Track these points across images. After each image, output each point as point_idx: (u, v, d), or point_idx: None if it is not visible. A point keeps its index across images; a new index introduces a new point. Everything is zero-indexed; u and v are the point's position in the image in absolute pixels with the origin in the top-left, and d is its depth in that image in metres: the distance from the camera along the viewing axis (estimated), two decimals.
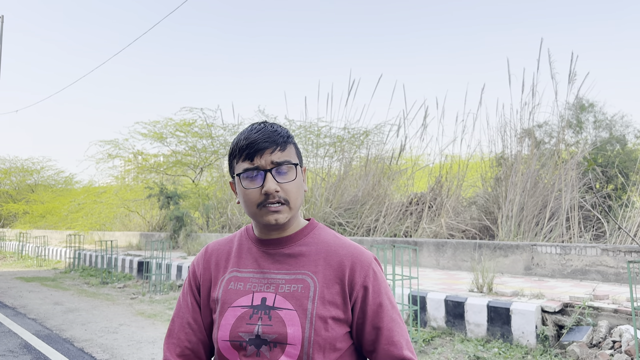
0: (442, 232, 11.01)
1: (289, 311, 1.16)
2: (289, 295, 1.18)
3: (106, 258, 13.88)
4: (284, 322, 1.15)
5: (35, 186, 35.02)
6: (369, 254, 1.27)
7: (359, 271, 1.21)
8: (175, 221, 15.84)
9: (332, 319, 1.17)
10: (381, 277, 1.25)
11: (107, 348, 5.97)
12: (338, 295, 1.19)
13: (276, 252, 1.25)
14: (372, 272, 1.23)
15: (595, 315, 5.38)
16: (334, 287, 1.19)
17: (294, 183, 1.21)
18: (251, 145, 1.19)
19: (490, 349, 5.40)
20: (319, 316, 1.16)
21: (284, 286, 1.20)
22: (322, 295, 1.18)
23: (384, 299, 1.23)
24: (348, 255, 1.23)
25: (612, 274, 7.35)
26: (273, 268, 1.23)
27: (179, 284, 10.92)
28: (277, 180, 1.19)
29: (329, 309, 1.17)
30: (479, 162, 12.89)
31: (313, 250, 1.24)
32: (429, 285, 7.15)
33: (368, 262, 1.24)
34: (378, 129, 15.54)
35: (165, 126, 19.09)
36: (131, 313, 8.22)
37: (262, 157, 1.19)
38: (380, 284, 1.24)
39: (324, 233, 1.30)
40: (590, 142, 11.12)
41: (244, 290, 1.23)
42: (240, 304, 1.21)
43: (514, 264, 8.48)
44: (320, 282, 1.20)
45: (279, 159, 1.19)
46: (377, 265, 1.27)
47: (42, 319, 7.70)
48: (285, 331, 1.14)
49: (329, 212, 13.39)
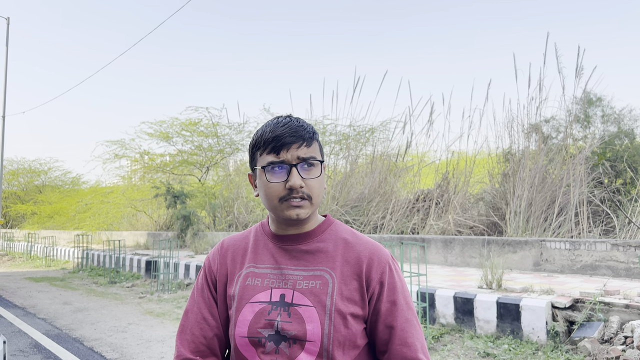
0: (449, 229, 10.97)
1: (308, 307, 1.15)
2: (307, 292, 1.17)
3: (114, 258, 13.93)
4: (302, 318, 1.14)
5: (42, 187, 35.24)
6: (386, 251, 1.26)
7: (375, 267, 1.21)
8: (182, 220, 15.88)
9: (351, 315, 1.16)
10: (398, 275, 1.24)
11: (117, 347, 5.99)
12: (356, 292, 1.18)
13: (293, 248, 1.24)
14: (388, 269, 1.22)
15: (607, 310, 5.33)
16: (352, 284, 1.19)
17: (318, 180, 1.21)
18: (278, 139, 1.18)
19: (500, 345, 5.37)
20: (338, 312, 1.15)
21: (302, 282, 1.19)
22: (340, 291, 1.17)
23: (398, 297, 1.21)
24: (365, 252, 1.23)
25: (622, 269, 7.29)
26: (290, 264, 1.23)
27: (187, 282, 10.94)
28: (302, 175, 1.19)
29: (347, 305, 1.16)
30: (486, 158, 12.82)
31: (331, 246, 1.24)
32: (437, 282, 7.13)
33: (385, 258, 1.23)
34: (384, 126, 15.50)
35: (171, 126, 19.13)
36: (140, 312, 8.25)
37: (288, 152, 1.18)
38: (396, 282, 1.22)
39: (341, 229, 1.29)
40: (598, 136, 11.03)
41: (262, 286, 1.22)
42: (258, 299, 1.20)
43: (523, 260, 8.43)
44: (338, 278, 1.19)
45: (306, 154, 1.19)
46: (394, 263, 1.26)
47: (52, 319, 7.74)
48: (304, 328, 1.13)
49: (336, 209, 13.37)
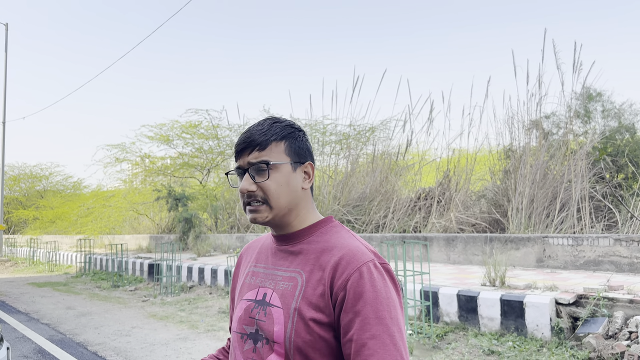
0: (451, 227, 10.96)
1: (278, 309, 1.15)
2: (280, 293, 1.17)
3: (117, 261, 13.93)
4: (273, 319, 1.15)
5: (44, 192, 35.29)
6: (365, 256, 1.12)
7: (340, 271, 1.10)
8: (184, 223, 15.88)
9: (314, 321, 1.10)
10: (370, 283, 1.07)
11: (121, 351, 5.99)
12: (321, 297, 1.11)
13: (283, 248, 1.26)
14: (357, 275, 1.08)
15: (611, 306, 5.32)
16: (318, 288, 1.12)
17: (271, 182, 1.18)
18: (236, 146, 1.24)
19: (505, 342, 5.35)
20: (300, 316, 1.11)
21: (280, 283, 1.19)
22: (306, 295, 1.13)
23: (365, 308, 1.05)
24: (338, 254, 1.14)
25: (625, 264, 7.28)
26: (277, 264, 1.24)
27: (189, 285, 10.95)
28: (255, 179, 1.19)
29: (310, 311, 1.11)
30: (487, 155, 12.81)
31: (312, 248, 1.20)
32: (440, 281, 7.12)
33: (357, 263, 1.10)
34: (384, 125, 15.49)
35: (171, 128, 19.14)
36: (143, 316, 8.25)
37: (241, 158, 1.22)
38: (364, 290, 1.06)
39: (332, 232, 1.23)
40: (599, 131, 11.00)
41: (254, 284, 1.26)
42: (247, 297, 1.24)
43: (526, 257, 8.42)
44: (307, 281, 1.15)
45: (256, 159, 1.19)
46: (373, 270, 1.10)
47: (55, 324, 7.74)
48: (272, 329, 1.14)
49: (337, 209, 13.36)
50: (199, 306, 8.81)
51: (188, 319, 7.74)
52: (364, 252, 1.13)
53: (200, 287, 10.78)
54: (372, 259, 1.12)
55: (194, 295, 10.07)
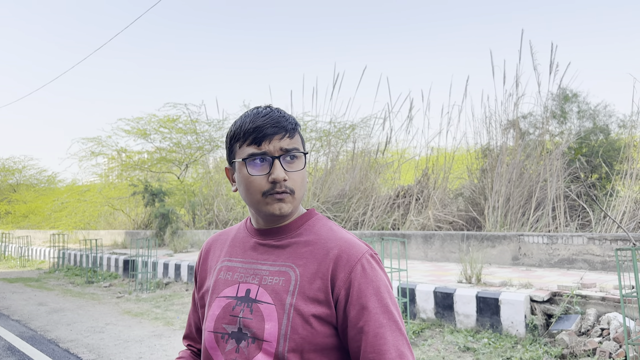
0: (429, 224, 11.03)
1: (268, 305, 1.10)
2: (269, 288, 1.11)
3: (91, 257, 13.70)
4: (263, 316, 1.09)
5: (17, 186, 34.47)
6: (361, 247, 1.13)
7: (342, 265, 1.09)
8: (160, 219, 15.68)
9: (314, 317, 1.07)
10: (372, 274, 1.10)
11: (94, 348, 5.87)
12: (320, 292, 1.08)
13: (267, 242, 1.19)
14: (359, 268, 1.09)
15: (584, 303, 5.41)
16: (316, 282, 1.09)
17: (301, 173, 1.15)
18: (259, 129, 1.12)
19: (480, 339, 5.40)
20: (297, 312, 1.07)
21: (267, 278, 1.13)
22: (302, 289, 1.09)
23: (370, 300, 1.07)
24: (335, 248, 1.12)
25: (598, 262, 7.41)
26: (260, 259, 1.18)
27: (165, 282, 10.81)
28: (285, 168, 1.13)
29: (309, 306, 1.07)
30: (465, 154, 12.93)
31: (302, 241, 1.16)
32: (417, 277, 7.15)
33: (357, 255, 1.10)
34: (364, 123, 15.52)
35: (148, 122, 18.85)
36: (117, 312, 8.12)
37: (270, 143, 1.12)
38: (369, 282, 1.08)
39: (320, 224, 1.20)
40: (574, 132, 11.19)
41: (231, 280, 1.19)
42: (226, 294, 1.17)
43: (502, 255, 8.52)
44: (302, 275, 1.11)
45: (289, 145, 1.13)
46: (371, 261, 1.12)
47: (26, 320, 7.56)
48: (263, 326, 1.08)
49: (317, 206, 13.35)
50: (175, 303, 8.71)
51: (163, 316, 7.63)
52: (358, 244, 1.14)
53: (177, 283, 10.66)
54: (367, 250, 1.13)
55: (170, 292, 9.96)
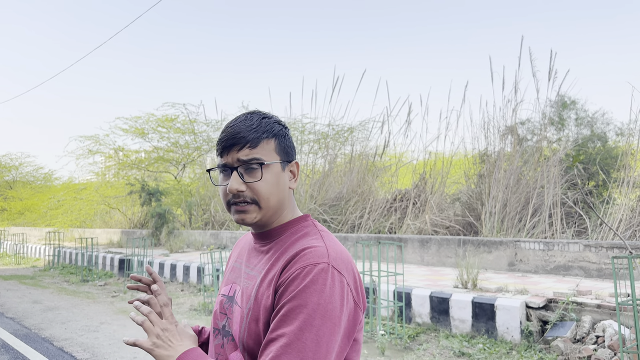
0: (426, 229, 11.04)
1: (238, 307, 1.14)
2: (242, 291, 1.16)
3: (86, 255, 13.65)
4: (234, 317, 1.14)
5: (13, 182, 34.35)
6: (320, 257, 1.03)
7: (289, 267, 1.04)
8: (157, 218, 15.65)
9: (265, 324, 1.05)
10: (310, 283, 0.99)
11: (88, 347, 5.85)
12: (270, 298, 1.06)
13: (256, 246, 1.23)
14: (300, 271, 1.01)
15: (579, 310, 5.42)
16: (269, 289, 1.06)
17: (263, 183, 1.12)
18: (221, 141, 1.15)
19: (475, 344, 5.40)
20: (252, 317, 1.08)
21: (244, 281, 1.18)
22: (258, 295, 1.09)
23: (290, 304, 0.99)
24: (294, 253, 1.06)
25: (594, 270, 7.43)
26: (249, 262, 1.22)
27: None
28: (245, 179, 1.12)
29: (262, 312, 1.06)
30: (463, 159, 12.95)
31: (278, 248, 1.15)
32: (413, 282, 7.15)
33: (307, 261, 1.02)
34: (362, 126, 15.53)
35: (146, 122, 18.81)
36: (112, 311, 8.09)
37: (229, 154, 1.14)
38: (301, 287, 0.99)
39: (302, 232, 1.17)
40: (572, 139, 11.22)
41: (229, 280, 1.25)
42: (223, 292, 1.24)
43: (498, 260, 8.53)
44: (261, 281, 1.10)
45: (247, 156, 1.12)
46: (319, 273, 1.01)
47: (21, 318, 7.53)
48: (233, 327, 1.14)
49: (314, 208, 13.34)
50: None
51: None
52: (321, 254, 1.04)
53: (172, 283, 10.63)
54: (325, 262, 1.02)
55: None
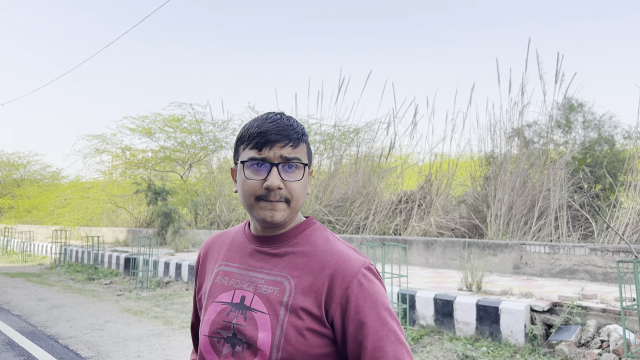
0: (431, 231, 11.02)
1: (262, 314, 1.10)
2: (264, 297, 1.12)
3: (92, 254, 13.72)
4: (257, 325, 1.10)
5: (21, 181, 34.59)
6: (357, 262, 1.13)
7: (339, 282, 1.09)
8: (163, 217, 15.71)
9: (308, 329, 1.08)
10: (369, 288, 1.10)
11: (93, 345, 5.89)
12: (313, 306, 1.09)
13: (263, 249, 1.20)
14: (356, 283, 1.09)
15: (584, 314, 5.39)
16: (309, 296, 1.09)
17: (299, 183, 1.15)
18: (263, 135, 1.13)
19: (479, 347, 5.39)
20: (291, 324, 1.08)
21: (262, 287, 1.14)
22: (296, 302, 1.09)
23: (368, 315, 1.07)
24: (331, 263, 1.12)
25: (600, 274, 7.39)
26: (257, 266, 1.18)
27: (166, 280, 10.83)
28: (283, 176, 1.13)
29: (303, 319, 1.08)
30: (469, 161, 12.91)
31: (299, 251, 1.16)
32: (418, 284, 7.14)
33: (352, 271, 1.10)
34: (368, 127, 15.52)
35: (153, 121, 18.91)
36: (117, 310, 8.13)
37: (271, 150, 1.13)
38: (365, 297, 1.08)
39: (317, 234, 1.20)
40: (579, 142, 11.17)
41: (227, 286, 1.19)
42: (221, 299, 1.18)
43: (503, 263, 8.50)
44: (296, 287, 1.11)
45: (290, 154, 1.13)
46: (367, 275, 1.12)
47: (27, 315, 7.58)
48: (256, 335, 1.09)
49: (319, 209, 13.35)
50: (175, 302, 8.72)
51: (163, 315, 7.64)
52: (354, 257, 1.13)
53: (177, 283, 10.67)
54: (364, 263, 1.13)
55: (170, 291, 9.97)
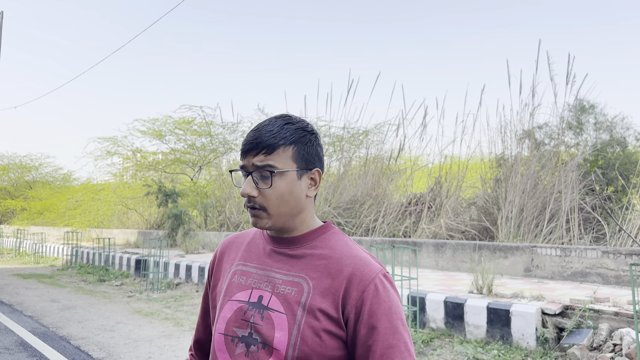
0: (441, 233, 10.98)
1: (280, 314, 1.11)
2: (282, 297, 1.13)
3: (104, 255, 13.82)
4: (273, 324, 1.11)
5: (33, 183, 34.93)
6: (375, 267, 1.14)
7: (356, 284, 1.11)
8: (173, 219, 15.78)
9: (324, 331, 1.09)
10: (384, 295, 1.11)
11: (104, 346, 5.93)
12: (331, 307, 1.10)
13: (282, 251, 1.21)
14: (372, 288, 1.11)
15: (596, 318, 5.34)
16: (327, 297, 1.11)
17: (272, 190, 1.14)
18: (243, 144, 1.18)
19: (490, 350, 5.36)
20: (308, 325, 1.09)
21: (280, 287, 1.15)
22: (314, 303, 1.10)
23: (380, 320, 1.09)
24: (349, 266, 1.13)
25: (612, 277, 7.32)
26: (275, 267, 1.19)
27: (176, 282, 10.87)
28: (258, 184, 1.15)
29: (320, 320, 1.09)
30: (479, 163, 12.85)
31: (317, 254, 1.17)
32: (428, 286, 7.12)
33: (370, 276, 1.12)
34: (377, 129, 15.50)
35: (164, 124, 19.01)
36: (128, 311, 8.18)
37: (246, 158, 1.17)
38: (380, 302, 1.10)
39: (335, 238, 1.22)
40: (590, 144, 11.08)
41: (245, 285, 1.20)
42: (238, 298, 1.19)
43: (514, 266, 8.45)
44: (315, 288, 1.12)
45: (261, 162, 1.14)
46: (384, 281, 1.13)
47: (39, 316, 7.65)
48: (273, 334, 1.10)
49: (328, 211, 13.35)
50: (185, 304, 8.75)
51: (173, 316, 7.68)
52: (372, 263, 1.15)
53: (187, 284, 10.71)
54: (381, 270, 1.15)
55: (181, 292, 10.01)
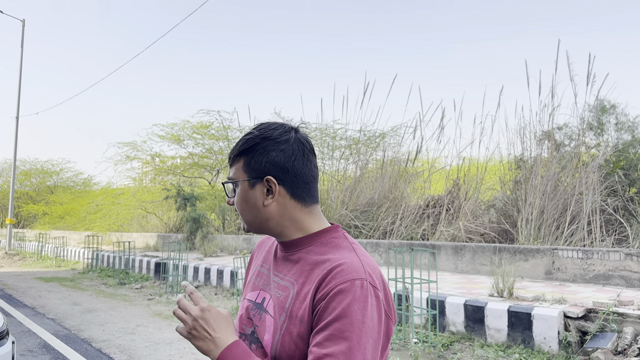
0: (460, 236, 10.88)
1: (270, 317, 1.14)
2: (275, 301, 1.15)
3: (124, 259, 13.98)
4: (265, 326, 1.14)
5: (54, 187, 35.52)
6: (356, 273, 1.04)
7: (325, 283, 1.04)
8: (192, 223, 15.91)
9: (299, 336, 1.06)
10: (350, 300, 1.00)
11: (125, 349, 5.99)
12: (306, 311, 1.06)
13: (284, 254, 1.23)
14: (339, 288, 1.02)
15: (620, 321, 5.24)
16: (305, 302, 1.07)
17: (236, 200, 1.23)
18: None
19: (511, 354, 5.30)
20: (287, 330, 1.08)
21: (275, 290, 1.17)
22: (294, 309, 1.09)
23: (334, 324, 0.99)
24: (330, 267, 1.06)
25: (636, 279, 7.18)
26: (276, 270, 1.22)
27: (195, 285, 10.95)
28: (228, 194, 1.27)
29: (296, 324, 1.07)
30: (498, 165, 12.71)
31: (310, 258, 1.15)
32: (447, 290, 7.06)
33: (345, 277, 1.03)
34: (394, 131, 15.43)
35: (182, 128, 19.22)
36: (148, 314, 8.26)
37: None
38: (342, 305, 1.00)
39: (332, 244, 1.16)
40: (611, 144, 10.89)
41: (257, 286, 1.25)
42: (250, 298, 1.24)
43: (535, 268, 8.34)
44: (297, 294, 1.11)
45: (229, 174, 1.25)
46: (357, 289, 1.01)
47: (61, 319, 7.77)
48: (263, 336, 1.14)
49: (345, 214, 13.33)
50: None
51: None
52: (356, 268, 1.05)
53: (206, 287, 10.78)
54: (363, 278, 1.03)
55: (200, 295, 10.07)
